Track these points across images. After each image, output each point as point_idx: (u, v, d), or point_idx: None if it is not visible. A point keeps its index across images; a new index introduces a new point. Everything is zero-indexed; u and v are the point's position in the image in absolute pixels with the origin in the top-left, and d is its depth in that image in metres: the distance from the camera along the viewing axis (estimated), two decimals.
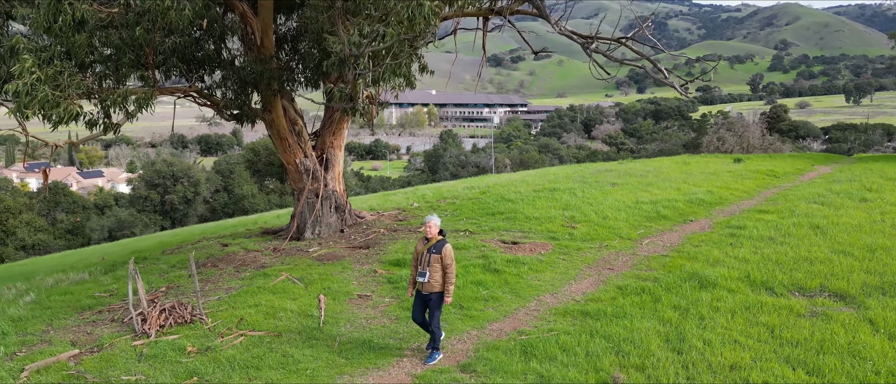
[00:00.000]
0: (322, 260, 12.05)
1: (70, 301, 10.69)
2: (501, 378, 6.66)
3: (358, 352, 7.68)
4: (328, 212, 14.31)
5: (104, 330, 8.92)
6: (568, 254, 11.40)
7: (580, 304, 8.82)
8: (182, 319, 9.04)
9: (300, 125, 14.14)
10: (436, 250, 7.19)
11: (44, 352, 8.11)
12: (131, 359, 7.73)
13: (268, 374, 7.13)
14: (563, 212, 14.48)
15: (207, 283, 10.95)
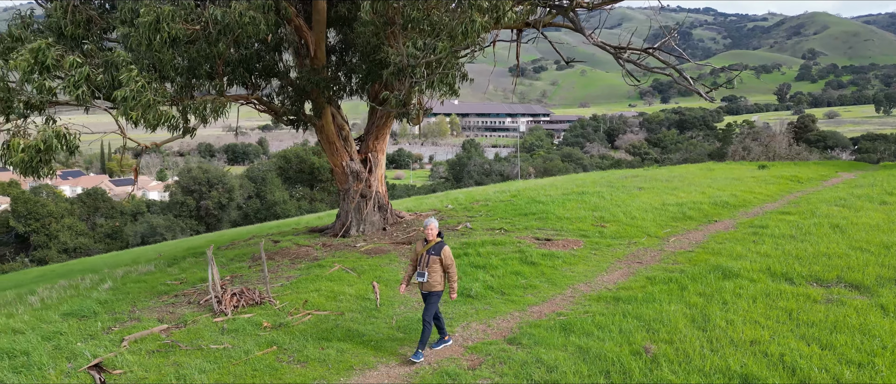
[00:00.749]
0: (370, 254, 13.04)
1: (145, 288, 11.83)
2: (544, 349, 7.52)
3: (413, 328, 8.61)
4: (372, 211, 15.31)
5: (184, 310, 10.00)
6: (599, 250, 12.24)
7: (612, 292, 9.66)
8: (252, 301, 10.09)
9: (346, 130, 15.21)
10: (435, 252, 7.55)
11: (136, 326, 9.20)
12: (215, 333, 8.77)
13: (337, 345, 8.10)
14: (593, 212, 15.30)
15: (274, 272, 12.00)
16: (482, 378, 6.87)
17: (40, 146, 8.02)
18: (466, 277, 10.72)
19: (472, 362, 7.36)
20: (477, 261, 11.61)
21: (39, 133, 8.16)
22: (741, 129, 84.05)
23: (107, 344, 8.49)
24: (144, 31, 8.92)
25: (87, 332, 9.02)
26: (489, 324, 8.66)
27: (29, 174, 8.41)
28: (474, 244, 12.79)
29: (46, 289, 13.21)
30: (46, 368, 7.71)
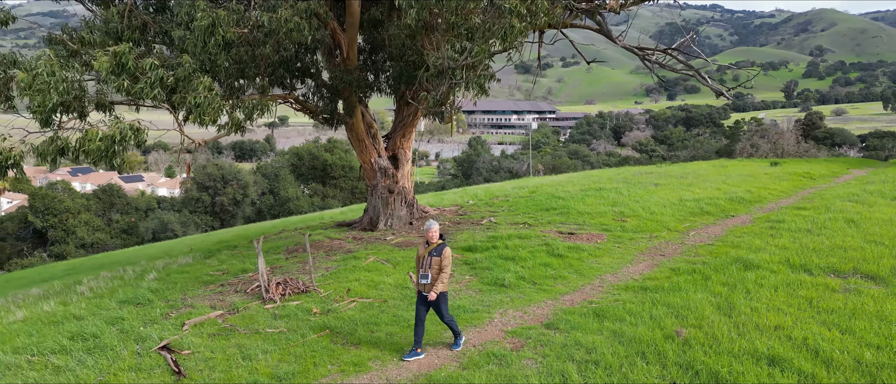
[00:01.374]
0: (401, 246, 13.61)
1: (189, 278, 12.42)
2: (581, 333, 8.06)
3: (455, 314, 9.15)
4: (399, 206, 15.88)
5: (232, 298, 10.59)
6: (622, 243, 12.77)
7: (639, 282, 10.20)
8: (297, 290, 10.67)
9: (375, 128, 15.77)
10: (436, 253, 7.63)
11: (192, 312, 9.79)
12: (267, 318, 9.35)
13: (386, 329, 8.68)
14: (613, 208, 15.82)
15: (306, 264, 12.57)
16: (526, 358, 7.41)
17: (116, 136, 8.59)
18: (497, 268, 11.27)
19: (514, 345, 7.91)
20: (506, 254, 12.15)
21: (114, 125, 8.74)
22: (750, 127, 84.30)
23: (169, 328, 9.08)
24: (200, 34, 9.49)
25: (147, 318, 9.62)
26: (525, 311, 9.20)
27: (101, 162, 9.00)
28: (501, 237, 13.34)
29: (91, 279, 13.83)
30: (117, 350, 8.30)
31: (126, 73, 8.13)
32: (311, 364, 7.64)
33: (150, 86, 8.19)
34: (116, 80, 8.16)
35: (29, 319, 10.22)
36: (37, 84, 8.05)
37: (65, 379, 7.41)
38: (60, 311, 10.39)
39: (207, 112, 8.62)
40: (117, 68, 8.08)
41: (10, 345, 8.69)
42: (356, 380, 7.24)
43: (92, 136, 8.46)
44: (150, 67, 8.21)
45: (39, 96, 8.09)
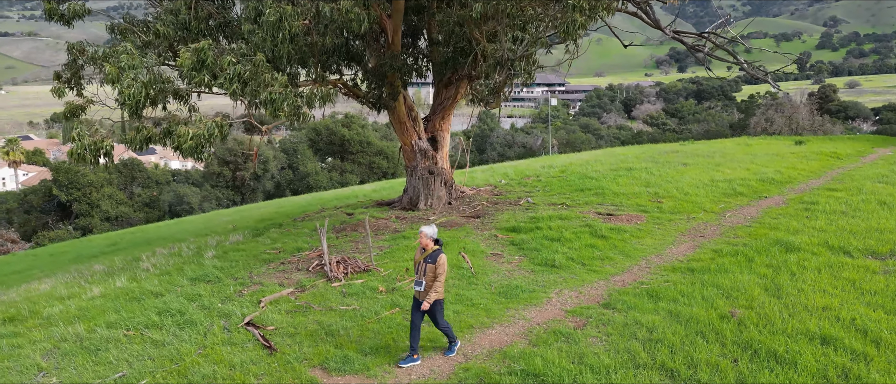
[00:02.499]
0: (445, 226, 14.14)
1: (247, 256, 13.02)
2: (639, 313, 8.61)
3: (513, 294, 9.75)
4: (438, 186, 16.38)
5: (297, 276, 11.19)
6: (661, 224, 13.26)
7: (684, 263, 10.71)
8: (357, 269, 11.26)
9: (415, 111, 16.21)
10: (431, 260, 7.48)
11: (263, 290, 10.40)
12: (337, 296, 9.96)
13: (452, 307, 9.25)
14: (646, 188, 16.27)
15: (359, 243, 13.16)
16: (591, 336, 7.98)
17: (206, 134, 9.11)
18: (545, 250, 11.81)
19: (576, 324, 8.48)
20: (550, 235, 12.68)
21: (203, 123, 9.25)
22: (764, 101, 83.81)
23: (246, 305, 9.70)
24: (268, 28, 9.92)
25: (223, 295, 10.24)
26: (580, 291, 9.76)
27: (191, 157, 9.53)
28: (542, 218, 13.85)
29: (150, 256, 14.48)
30: (205, 325, 8.93)
31: (206, 69, 8.59)
32: (391, 339, 8.24)
33: (229, 81, 8.66)
34: (198, 75, 8.63)
35: (107, 295, 10.86)
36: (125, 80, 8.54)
37: (167, 352, 8.05)
38: (135, 288, 11.03)
39: (281, 106, 9.10)
40: (198, 64, 8.55)
41: (103, 320, 9.33)
42: (433, 355, 7.82)
43: (183, 135, 8.98)
44: (227, 64, 8.67)
45: (129, 90, 8.58)
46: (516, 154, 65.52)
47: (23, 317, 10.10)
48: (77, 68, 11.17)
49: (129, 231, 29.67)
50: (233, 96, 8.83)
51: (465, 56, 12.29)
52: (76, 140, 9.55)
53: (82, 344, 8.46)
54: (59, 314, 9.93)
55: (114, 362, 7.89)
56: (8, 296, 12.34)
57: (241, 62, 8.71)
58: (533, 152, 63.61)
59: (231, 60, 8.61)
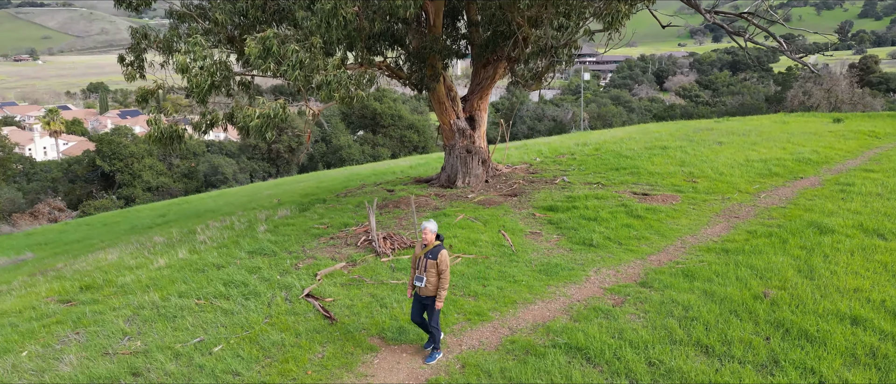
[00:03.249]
0: (484, 204, 14.68)
1: (298, 231, 13.75)
2: (675, 292, 9.07)
3: (553, 271, 10.27)
4: (476, 165, 16.87)
5: (347, 251, 11.88)
6: (696, 205, 13.59)
7: (719, 244, 11.09)
8: (403, 244, 11.90)
9: (454, 91, 16.63)
10: (432, 256, 7.36)
11: (317, 264, 11.11)
12: (386, 270, 10.61)
13: (495, 283, 9.84)
14: (681, 168, 16.52)
15: (402, 220, 13.78)
16: (629, 313, 8.49)
17: (271, 114, 9.76)
18: (582, 229, 12.28)
19: (614, 301, 8.99)
20: (587, 214, 13.12)
21: (267, 106, 9.90)
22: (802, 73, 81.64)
23: (303, 277, 10.43)
24: (323, 15, 10.42)
25: (280, 268, 10.98)
26: (618, 270, 10.24)
27: (256, 137, 10.20)
28: (579, 198, 14.28)
29: (204, 229, 15.35)
30: (268, 296, 9.68)
31: (271, 57, 9.18)
32: (441, 313, 8.86)
33: (292, 67, 9.23)
34: (263, 63, 9.22)
35: (172, 266, 11.72)
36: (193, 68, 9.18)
37: (237, 320, 8.82)
38: (197, 260, 11.85)
39: (335, 89, 9.65)
40: (264, 53, 9.13)
41: (174, 289, 10.16)
42: (481, 328, 8.44)
43: (250, 115, 9.63)
44: (290, 52, 9.23)
45: (197, 78, 9.23)
46: (546, 128, 65.36)
47: (98, 285, 11.01)
48: (140, 51, 11.87)
49: (175, 202, 30.89)
50: (294, 81, 9.40)
51: (506, 39, 12.63)
52: (153, 124, 10.29)
53: (159, 311, 9.29)
54: (132, 283, 10.81)
55: (190, 328, 8.69)
56: (79, 266, 13.33)
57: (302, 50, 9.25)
58: (563, 126, 63.41)
59: (294, 48, 9.16)
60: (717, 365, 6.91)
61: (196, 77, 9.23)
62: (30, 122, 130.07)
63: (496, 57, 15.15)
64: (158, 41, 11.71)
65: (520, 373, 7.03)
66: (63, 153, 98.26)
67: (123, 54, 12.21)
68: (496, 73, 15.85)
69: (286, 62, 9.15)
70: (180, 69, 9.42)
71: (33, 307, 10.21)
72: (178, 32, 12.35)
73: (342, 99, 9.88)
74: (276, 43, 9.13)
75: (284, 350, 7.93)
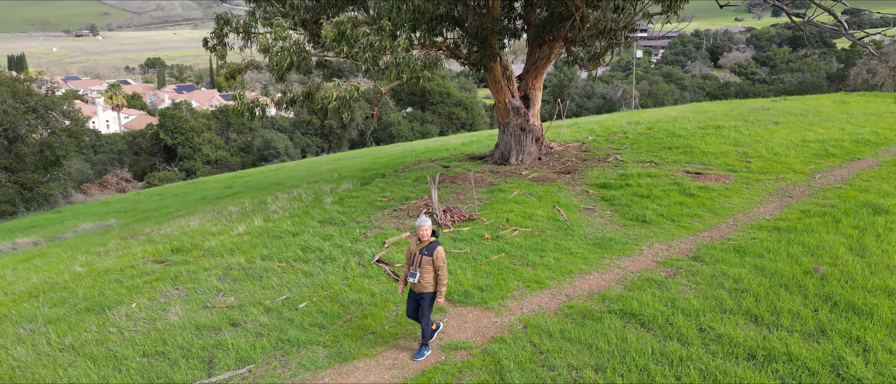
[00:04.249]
0: (538, 181, 15.23)
1: (362, 203, 14.64)
2: (726, 266, 9.50)
3: (607, 245, 10.82)
4: (530, 143, 17.39)
5: (410, 222, 12.68)
6: (749, 184, 13.81)
7: (771, 222, 11.38)
8: (462, 217, 12.62)
9: (510, 71, 17.12)
10: (427, 252, 7.31)
11: (383, 233, 11.95)
12: (448, 241, 11.36)
13: (552, 254, 10.46)
14: (735, 148, 16.64)
15: (459, 194, 14.49)
16: (681, 284, 8.99)
17: (346, 96, 10.59)
18: (635, 206, 12.72)
19: (667, 273, 9.49)
20: (639, 192, 13.53)
21: (343, 88, 10.73)
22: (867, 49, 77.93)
23: (372, 244, 11.29)
24: (394, 1, 11.08)
25: (350, 236, 11.87)
26: (670, 245, 10.71)
27: (334, 118, 11.07)
28: (632, 176, 14.67)
29: (274, 200, 16.44)
30: (342, 261, 10.58)
31: (345, 40, 9.93)
32: (501, 280, 9.57)
33: (363, 50, 9.97)
34: (338, 46, 9.98)
35: (250, 232, 12.77)
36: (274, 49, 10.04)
37: (317, 281, 9.74)
38: (273, 227, 12.87)
39: (404, 70, 10.35)
40: (339, 36, 9.89)
41: (257, 253, 11.18)
42: (540, 294, 9.10)
43: (328, 96, 10.47)
44: (362, 35, 9.96)
45: (277, 58, 10.08)
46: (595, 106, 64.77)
47: (187, 248, 12.16)
48: (222, 35, 12.83)
49: (238, 174, 32.47)
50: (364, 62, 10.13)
51: (563, 20, 13.04)
52: (238, 99, 11.26)
53: (246, 272, 10.30)
54: (218, 247, 11.90)
55: (276, 287, 9.66)
56: (165, 231, 14.58)
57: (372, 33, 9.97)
58: (612, 104, 62.72)
59: (365, 32, 9.88)
60: (766, 332, 7.39)
61: (277, 55, 10.07)
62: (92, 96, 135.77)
63: (552, 37, 15.54)
64: (239, 25, 12.62)
65: (578, 333, 7.67)
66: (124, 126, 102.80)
67: (207, 37, 13.20)
68: (552, 52, 16.24)
69: (358, 45, 9.88)
70: (263, 49, 10.28)
71: (132, 266, 11.41)
72: (255, 16, 13.24)
73: (409, 79, 10.55)
74: (350, 27, 9.87)
75: (362, 307, 8.79)
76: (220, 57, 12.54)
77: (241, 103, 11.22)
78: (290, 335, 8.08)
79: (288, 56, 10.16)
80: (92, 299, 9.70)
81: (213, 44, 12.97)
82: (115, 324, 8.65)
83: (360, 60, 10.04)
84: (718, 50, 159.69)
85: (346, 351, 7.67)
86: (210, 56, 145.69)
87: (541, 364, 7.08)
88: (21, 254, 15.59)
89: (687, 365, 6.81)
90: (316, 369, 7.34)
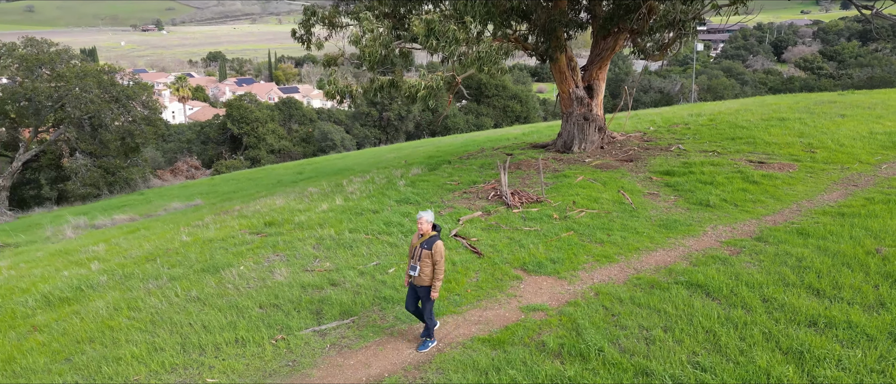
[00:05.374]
0: (601, 168, 15.83)
1: (433, 186, 15.58)
2: (789, 246, 9.96)
3: (672, 226, 11.40)
4: (592, 131, 17.96)
5: (480, 203, 13.54)
6: (814, 173, 14.06)
7: (835, 208, 11.70)
8: (530, 200, 13.39)
9: (574, 62, 17.72)
10: (427, 246, 7.36)
11: (456, 212, 12.85)
12: (518, 220, 12.17)
13: (618, 233, 11.13)
14: (799, 139, 16.79)
15: (526, 179, 15.26)
16: (745, 262, 9.53)
17: (434, 86, 11.56)
18: (699, 191, 13.21)
19: (731, 251, 10.03)
20: (702, 178, 13.98)
21: (430, 78, 11.70)
22: None
23: (448, 221, 12.21)
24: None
25: None
26: (733, 227, 11.20)
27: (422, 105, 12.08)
28: (695, 164, 15.09)
29: (348, 183, 17.59)
30: None
31: (433, 35, 10.86)
32: (571, 254, 10.32)
33: (449, 44, 10.87)
34: (427, 40, 10.92)
35: (333, 210, 13.90)
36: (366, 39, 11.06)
37: (402, 250, 10.71)
38: (354, 206, 13.97)
39: (487, 62, 11.21)
40: (428, 32, 10.83)
41: (344, 227, 12.27)
42: (609, 267, 9.81)
43: (418, 86, 11.46)
44: (450, 30, 10.87)
45: (369, 48, 11.10)
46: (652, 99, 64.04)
47: (279, 222, 13.37)
48: (309, 25, 13.98)
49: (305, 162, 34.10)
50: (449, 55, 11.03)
51: (631, 12, 13.59)
52: (332, 84, 12.38)
53: (337, 241, 11.39)
54: (306, 221, 13.07)
55: (365, 255, 10.70)
56: (254, 208, 15.91)
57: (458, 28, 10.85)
58: (669, 98, 61.90)
59: (452, 28, 10.79)
60: (827, 304, 7.91)
61: (369, 47, 11.09)
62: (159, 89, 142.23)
63: (617, 29, 16.07)
64: (325, 16, 13.73)
65: (647, 300, 8.37)
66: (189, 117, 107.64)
67: (295, 29, 14.38)
68: (617, 44, 16.77)
69: (444, 38, 10.78)
70: (354, 40, 11.32)
71: (232, 236, 12.69)
72: (338, 9, 14.34)
73: (489, 70, 11.39)
74: (438, 22, 10.78)
75: (446, 274, 9.71)
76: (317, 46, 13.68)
77: (334, 88, 12.33)
78: (384, 294, 9.08)
79: (379, 48, 11.16)
80: (204, 262, 10.98)
81: (301, 34, 14.13)
82: (230, 281, 9.86)
83: (446, 53, 10.93)
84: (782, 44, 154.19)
85: (435, 309, 8.60)
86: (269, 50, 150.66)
87: (613, 324, 7.82)
88: (125, 228, 17.27)
89: (751, 328, 7.43)
90: (411, 322, 8.30)
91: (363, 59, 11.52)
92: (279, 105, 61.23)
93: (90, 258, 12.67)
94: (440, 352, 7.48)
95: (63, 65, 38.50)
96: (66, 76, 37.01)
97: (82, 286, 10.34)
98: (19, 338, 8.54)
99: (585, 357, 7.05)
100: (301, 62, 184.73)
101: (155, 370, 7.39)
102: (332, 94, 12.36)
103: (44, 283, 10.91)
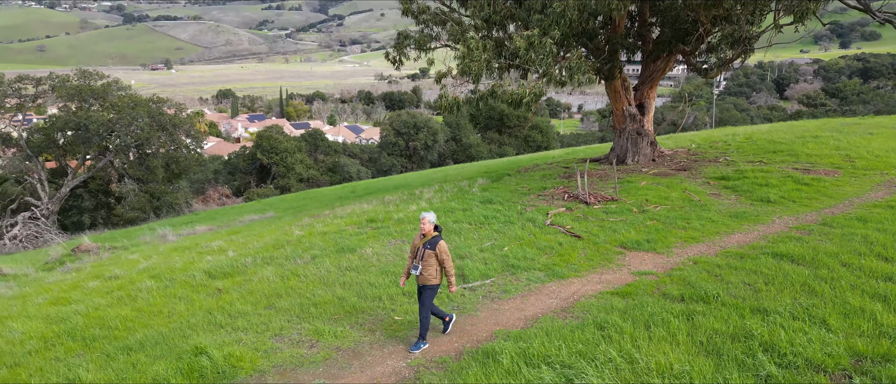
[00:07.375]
0: (660, 176, 17.40)
1: (505, 191, 17.10)
2: (852, 229, 11.43)
3: (742, 216, 12.90)
4: (645, 145, 19.61)
5: (558, 202, 15.06)
6: (857, 177, 15.62)
7: (884, 203, 13.22)
8: (605, 199, 14.93)
9: (628, 82, 19.50)
10: (430, 246, 7.57)
11: (541, 209, 14.37)
12: (601, 213, 13.68)
13: (696, 221, 12.63)
14: (837, 151, 18.40)
15: (591, 186, 16.81)
16: (816, 239, 11.00)
17: (537, 92, 13.27)
18: (758, 191, 14.74)
19: (802, 233, 11.51)
20: (758, 181, 15.54)
21: (532, 85, 13.42)
22: None
23: (537, 215, 13.71)
24: (554, 17, 13.72)
25: (514, 211, 14.32)
26: (798, 217, 12.71)
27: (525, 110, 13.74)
28: (746, 171, 16.67)
29: (423, 192, 19.14)
30: (519, 224, 13.02)
31: (532, 49, 12.59)
32: (661, 236, 11.81)
33: (545, 56, 12.60)
34: (526, 54, 12.65)
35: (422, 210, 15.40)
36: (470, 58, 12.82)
37: (509, 234, 12.21)
38: (442, 206, 15.47)
39: (576, 73, 12.93)
40: (528, 47, 12.57)
41: (449, 218, 13.76)
42: (697, 245, 11.28)
43: (521, 93, 13.18)
44: (547, 46, 12.61)
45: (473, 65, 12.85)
46: (664, 131, 66.07)
47: (380, 220, 14.88)
48: (402, 47, 15.79)
49: (352, 184, 35.72)
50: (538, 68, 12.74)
51: (687, 35, 15.36)
52: (444, 97, 14.09)
53: (448, 228, 12.89)
54: (404, 218, 14.58)
55: (476, 239, 12.19)
56: (346, 211, 17.41)
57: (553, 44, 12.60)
58: (684, 129, 63.87)
59: (549, 43, 12.54)
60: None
61: (475, 63, 12.84)
62: None
63: (668, 52, 17.88)
64: (416, 40, 15.54)
65: (741, 265, 9.84)
66: (206, 151, 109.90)
67: (389, 50, 16.20)
68: (667, 65, 18.55)
69: (541, 51, 12.52)
70: (459, 58, 13.07)
71: (342, 230, 14.20)
72: (424, 34, 16.17)
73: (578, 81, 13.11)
74: (536, 39, 12.54)
75: (556, 249, 11.21)
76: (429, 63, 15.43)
77: (446, 100, 14.05)
78: (510, 262, 10.57)
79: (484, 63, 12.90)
80: (335, 245, 12.48)
81: (394, 56, 15.92)
82: (369, 257, 11.35)
83: (541, 66, 12.65)
84: (784, 81, 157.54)
85: (559, 273, 10.09)
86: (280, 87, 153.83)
87: (720, 280, 9.28)
88: (220, 233, 18.76)
89: (838, 281, 8.88)
90: (541, 283, 9.77)
91: (468, 74, 13.23)
92: (305, 136, 63.28)
93: (216, 250, 14.16)
94: (578, 300, 8.93)
95: (114, 96, 40.64)
96: (118, 106, 39.05)
97: (235, 265, 11.82)
98: (210, 296, 10.01)
99: (706, 301, 8.50)
100: (311, 99, 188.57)
101: (353, 309, 8.81)
102: (445, 107, 14.08)
103: (192, 266, 12.39)
